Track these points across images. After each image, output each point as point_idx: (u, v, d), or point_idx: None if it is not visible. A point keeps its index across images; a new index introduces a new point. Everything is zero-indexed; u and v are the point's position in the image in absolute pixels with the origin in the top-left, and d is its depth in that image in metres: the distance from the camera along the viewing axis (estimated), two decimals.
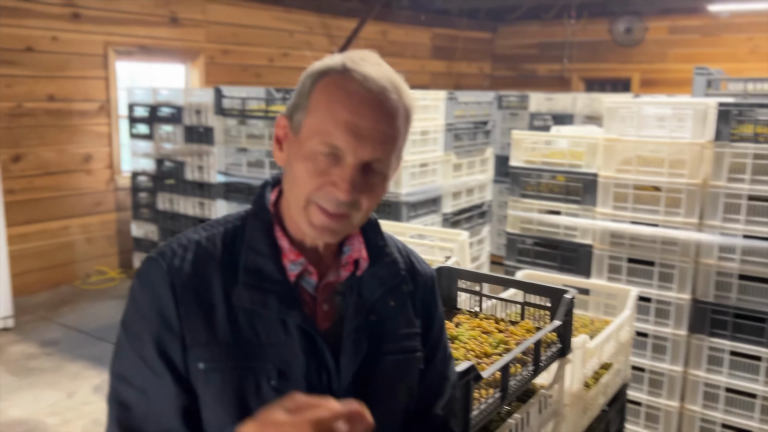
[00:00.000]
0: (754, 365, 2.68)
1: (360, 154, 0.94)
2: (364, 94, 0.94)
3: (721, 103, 2.67)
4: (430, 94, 3.90)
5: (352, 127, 0.93)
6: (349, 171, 0.94)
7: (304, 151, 0.96)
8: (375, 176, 0.97)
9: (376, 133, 0.94)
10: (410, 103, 1.01)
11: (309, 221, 0.97)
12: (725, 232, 2.68)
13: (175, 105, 5.49)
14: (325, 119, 0.94)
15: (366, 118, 0.93)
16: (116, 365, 1.00)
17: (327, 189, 0.95)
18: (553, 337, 1.68)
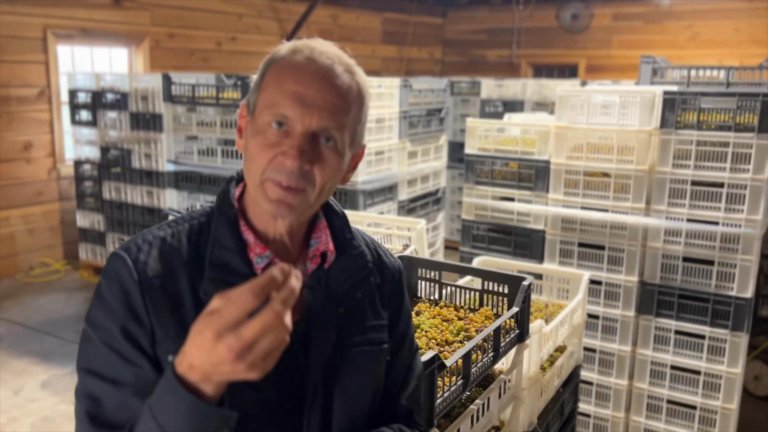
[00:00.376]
0: (698, 343, 2.80)
1: (307, 122, 0.95)
2: (311, 66, 0.97)
3: (666, 91, 2.75)
4: (385, 81, 3.89)
5: (299, 96, 0.95)
6: (298, 139, 0.95)
7: (257, 126, 0.98)
8: (326, 149, 0.98)
9: (323, 102, 0.96)
10: (363, 83, 1.03)
11: (266, 197, 0.98)
12: (670, 216, 2.78)
13: (120, 91, 5.32)
14: (274, 93, 0.97)
15: (312, 87, 0.96)
16: (83, 360, 0.98)
17: (278, 160, 0.96)
18: (512, 323, 1.72)
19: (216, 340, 0.76)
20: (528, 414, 1.92)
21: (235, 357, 0.75)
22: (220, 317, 0.76)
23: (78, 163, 5.84)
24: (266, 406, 0.98)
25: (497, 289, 1.85)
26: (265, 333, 0.75)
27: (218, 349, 0.76)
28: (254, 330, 0.75)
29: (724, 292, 2.72)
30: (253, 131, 0.99)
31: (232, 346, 0.75)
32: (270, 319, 0.75)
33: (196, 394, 0.80)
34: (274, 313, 0.76)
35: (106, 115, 5.51)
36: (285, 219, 1.00)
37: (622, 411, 2.97)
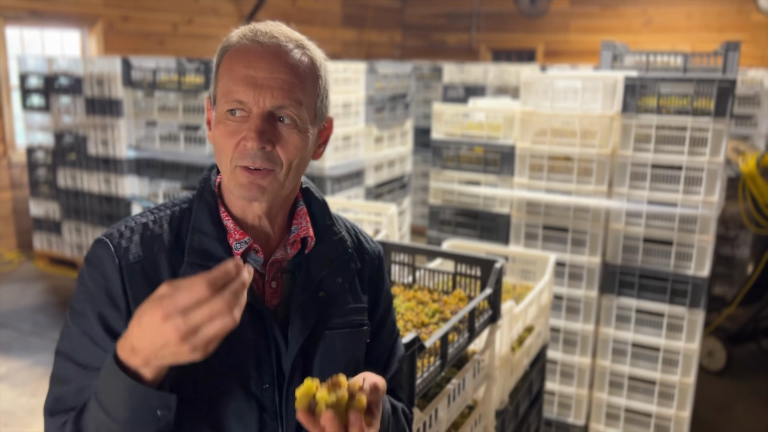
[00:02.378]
0: (658, 321, 2.90)
1: (261, 103, 0.97)
2: (257, 48, 0.98)
3: (627, 77, 2.82)
4: (351, 66, 3.87)
5: (250, 79, 0.97)
6: (254, 121, 0.97)
7: (217, 116, 1.00)
8: (285, 127, 0.99)
9: (273, 81, 0.97)
10: (316, 57, 1.04)
11: (238, 183, 1.00)
12: (632, 199, 2.86)
13: (74, 75, 5.16)
14: (228, 81, 0.99)
15: (261, 69, 0.97)
16: (61, 344, 1.02)
17: (241, 145, 0.98)
18: (485, 304, 1.75)
19: (164, 321, 0.80)
20: (500, 392, 1.97)
21: (180, 338, 0.80)
22: (172, 300, 0.80)
23: (30, 150, 5.65)
24: (246, 386, 1.01)
25: (469, 271, 1.88)
26: (212, 319, 0.80)
27: (165, 329, 0.80)
28: (202, 315, 0.80)
29: (682, 271, 2.82)
30: (216, 121, 1.01)
31: (179, 327, 0.79)
32: (219, 307, 0.80)
33: (135, 377, 0.85)
34: (223, 302, 0.80)
35: (59, 100, 5.33)
36: (260, 201, 1.02)
37: (586, 388, 3.06)
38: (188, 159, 3.91)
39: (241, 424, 1.00)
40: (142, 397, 0.85)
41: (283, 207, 1.08)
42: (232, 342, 0.97)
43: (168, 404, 0.88)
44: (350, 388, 0.87)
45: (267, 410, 1.02)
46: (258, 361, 1.01)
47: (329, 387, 0.87)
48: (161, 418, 0.88)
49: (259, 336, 1.01)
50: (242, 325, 0.97)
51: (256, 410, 1.01)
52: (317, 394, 0.85)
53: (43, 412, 1.00)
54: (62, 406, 0.98)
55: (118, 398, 0.86)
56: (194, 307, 0.80)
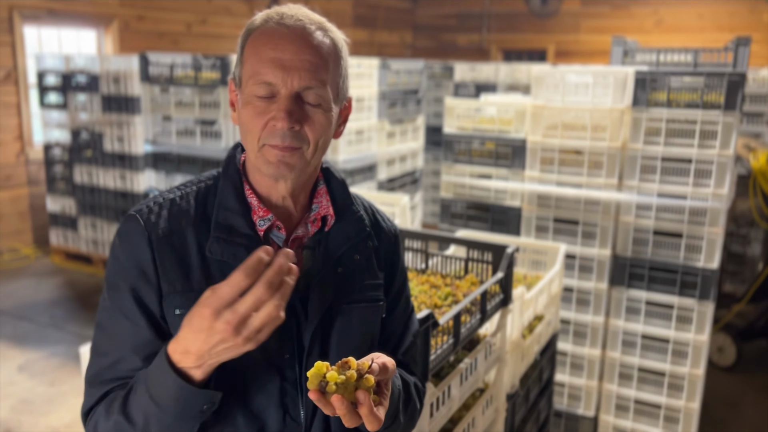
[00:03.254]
0: (667, 313, 2.92)
1: (289, 84, 1.00)
2: (284, 31, 1.02)
3: (638, 71, 2.85)
4: (364, 61, 3.93)
5: (278, 61, 1.00)
6: (284, 102, 1.01)
7: (245, 97, 1.04)
8: (312, 107, 1.03)
9: (301, 63, 1.01)
10: (337, 38, 1.08)
11: (266, 161, 1.04)
12: (642, 192, 2.89)
13: (91, 73, 5.25)
14: (255, 62, 1.02)
15: (288, 50, 1.01)
16: (98, 316, 1.06)
17: (270, 125, 1.01)
18: (497, 288, 1.79)
19: (215, 318, 0.85)
20: (511, 377, 2.01)
21: (233, 330, 0.85)
22: (217, 297, 0.85)
23: (48, 147, 5.75)
24: (268, 356, 1.05)
25: (481, 257, 1.93)
26: (258, 307, 0.85)
27: (217, 325, 0.85)
28: (248, 304, 0.85)
29: (691, 263, 2.84)
30: (243, 102, 1.04)
31: (230, 320, 0.85)
32: (261, 293, 0.85)
33: (185, 377, 0.91)
34: (264, 288, 0.85)
35: (76, 98, 5.43)
36: (286, 179, 1.06)
37: (596, 380, 3.09)
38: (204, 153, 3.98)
39: (263, 392, 1.05)
40: (191, 396, 0.92)
41: (306, 186, 1.12)
42: None
43: (213, 400, 0.94)
44: (359, 368, 0.92)
45: (287, 380, 1.06)
46: (279, 332, 1.04)
47: (339, 368, 0.91)
48: (206, 412, 0.95)
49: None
50: None
51: (277, 380, 1.05)
52: (327, 375, 0.89)
53: (84, 379, 1.06)
54: (100, 378, 1.03)
55: (169, 395, 0.92)
56: (238, 297, 0.85)
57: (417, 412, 1.22)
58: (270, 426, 1.05)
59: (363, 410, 0.91)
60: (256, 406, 1.04)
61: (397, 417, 1.11)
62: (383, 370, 0.96)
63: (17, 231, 6.04)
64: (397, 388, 1.11)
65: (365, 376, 0.91)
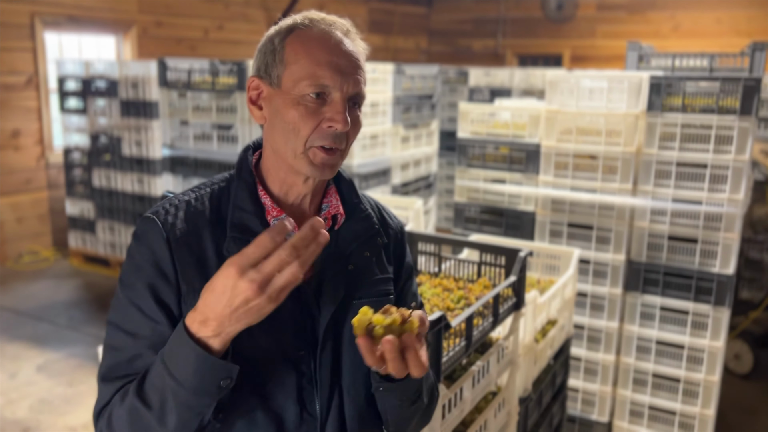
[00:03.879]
0: (682, 318, 2.91)
1: (346, 89, 1.05)
2: (337, 36, 1.06)
3: (652, 76, 2.85)
4: (379, 66, 3.95)
5: (335, 66, 1.03)
6: (342, 104, 1.04)
7: (293, 97, 1.05)
8: (356, 111, 1.08)
9: (353, 69, 1.06)
10: (364, 47, 1.13)
11: (310, 162, 1.06)
12: (656, 197, 2.88)
13: (110, 78, 5.33)
14: (309, 64, 1.04)
15: (343, 56, 1.05)
16: (111, 315, 1.08)
17: (323, 127, 1.04)
18: (509, 292, 1.80)
19: (240, 276, 0.88)
20: (523, 380, 2.01)
21: (257, 288, 0.87)
22: (243, 255, 0.88)
23: (67, 151, 5.84)
24: (283, 351, 1.08)
25: (494, 261, 1.94)
26: (282, 267, 0.88)
27: (241, 284, 0.88)
28: (273, 264, 0.88)
29: (707, 269, 2.83)
30: (288, 103, 1.05)
31: (254, 278, 0.87)
32: (285, 255, 0.87)
33: (203, 347, 0.92)
34: (288, 250, 0.87)
35: (95, 103, 5.51)
36: (327, 177, 1.10)
37: (610, 385, 3.08)
38: (220, 157, 4.02)
39: (280, 387, 1.07)
40: (210, 366, 0.93)
41: (320, 185, 1.15)
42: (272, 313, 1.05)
43: (231, 374, 0.95)
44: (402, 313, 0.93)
45: (303, 374, 1.08)
46: (295, 329, 1.08)
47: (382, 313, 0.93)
48: (223, 387, 0.95)
49: (295, 306, 1.08)
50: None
51: (293, 375, 1.07)
52: (373, 318, 0.91)
53: (97, 379, 1.07)
54: (115, 374, 1.04)
55: (188, 368, 0.92)
56: (263, 258, 0.88)
57: (435, 397, 1.24)
58: (288, 421, 1.07)
59: (411, 354, 0.93)
60: (274, 402, 1.07)
61: (421, 396, 1.14)
62: (422, 322, 0.98)
63: (37, 234, 6.13)
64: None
65: (410, 320, 0.92)
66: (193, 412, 0.96)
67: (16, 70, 5.78)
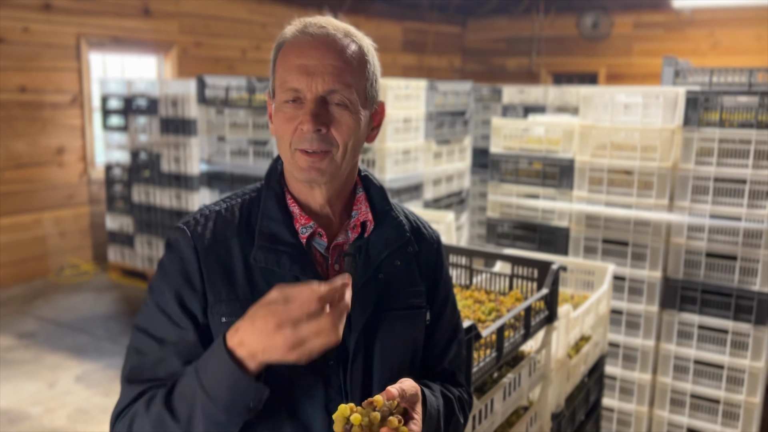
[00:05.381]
0: (721, 338, 2.84)
1: (314, 88, 1.04)
2: (308, 39, 1.06)
3: (689, 90, 2.82)
4: (412, 83, 3.99)
5: (302, 68, 1.05)
6: (309, 105, 1.05)
7: (277, 106, 1.08)
8: (338, 109, 1.06)
9: (324, 67, 1.05)
10: (363, 44, 1.11)
11: (297, 167, 1.08)
12: (694, 213, 2.83)
13: (151, 96, 5.48)
14: (283, 72, 1.07)
15: (312, 57, 1.05)
16: (139, 320, 1.10)
17: (299, 129, 1.05)
18: (541, 305, 1.79)
19: (276, 330, 0.89)
20: (556, 396, 1.99)
21: (288, 348, 0.89)
22: (287, 312, 0.89)
23: (108, 167, 6.00)
24: (314, 363, 1.06)
25: (526, 274, 1.93)
26: (319, 335, 0.89)
27: (276, 338, 0.89)
28: (310, 330, 0.89)
29: (747, 287, 2.76)
30: (275, 110, 1.09)
31: (288, 338, 0.89)
32: (325, 325, 0.89)
33: (239, 365, 0.93)
34: (330, 320, 0.89)
35: (136, 120, 5.67)
36: (320, 184, 1.10)
37: (646, 405, 3.01)
38: (256, 172, 4.10)
39: (309, 398, 1.07)
40: (244, 386, 0.94)
41: (343, 192, 1.15)
42: None
43: (261, 396, 0.96)
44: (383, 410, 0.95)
45: (332, 386, 1.08)
46: None
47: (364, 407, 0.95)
48: (252, 409, 0.96)
49: None
50: None
51: (322, 386, 1.07)
52: (351, 417, 0.93)
53: (121, 380, 1.09)
54: (139, 377, 1.06)
55: (221, 383, 0.94)
56: (304, 320, 0.89)
57: (461, 425, 1.22)
58: None
59: None
60: (302, 412, 1.07)
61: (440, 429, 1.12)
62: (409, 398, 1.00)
63: (78, 248, 6.30)
64: (436, 409, 1.12)
65: (389, 419, 0.95)
66: (220, 429, 0.96)
67: (62, 89, 5.99)
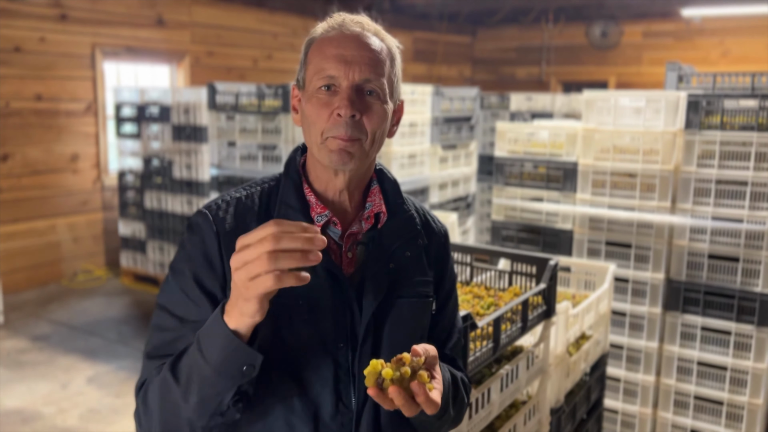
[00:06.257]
0: (724, 339, 2.85)
1: (351, 77, 1.09)
2: (346, 32, 1.12)
3: (690, 94, 2.85)
4: (418, 88, 4.05)
5: (340, 57, 1.10)
6: (346, 91, 1.10)
7: (309, 94, 1.13)
8: (371, 99, 1.12)
9: (360, 57, 1.10)
10: (391, 44, 1.18)
11: (328, 150, 1.12)
12: (696, 215, 2.86)
13: (163, 104, 5.58)
14: (319, 61, 1.11)
15: (349, 47, 1.11)
16: (160, 298, 1.15)
17: (333, 116, 1.10)
18: (539, 299, 1.83)
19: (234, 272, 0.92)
20: (555, 391, 2.02)
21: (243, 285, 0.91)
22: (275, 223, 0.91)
23: (121, 174, 6.11)
24: (324, 343, 1.13)
25: (525, 270, 1.96)
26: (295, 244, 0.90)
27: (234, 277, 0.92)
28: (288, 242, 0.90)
29: (749, 288, 2.77)
30: (307, 98, 1.14)
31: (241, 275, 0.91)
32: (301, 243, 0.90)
33: (233, 331, 0.97)
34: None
35: (149, 128, 5.77)
36: (345, 171, 1.14)
37: (650, 407, 3.02)
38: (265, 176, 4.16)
39: (319, 378, 1.12)
40: (235, 348, 0.98)
41: (360, 183, 1.20)
42: (313, 305, 1.12)
43: (253, 361, 1.00)
44: (413, 365, 0.98)
45: (341, 367, 1.13)
46: (335, 322, 1.13)
47: (393, 363, 0.98)
48: (245, 373, 1.00)
49: (336, 300, 1.13)
50: (322, 290, 1.12)
51: (331, 366, 1.12)
52: (382, 372, 0.96)
53: (143, 355, 1.15)
54: (159, 352, 1.12)
55: (216, 346, 0.98)
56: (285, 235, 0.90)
57: (465, 404, 1.28)
58: (324, 411, 1.12)
59: (420, 399, 0.97)
60: (312, 391, 1.12)
61: (448, 409, 1.17)
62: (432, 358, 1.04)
63: (91, 253, 6.40)
64: (447, 381, 1.17)
65: (419, 373, 0.98)
66: (213, 391, 1.00)
67: (77, 97, 6.11)
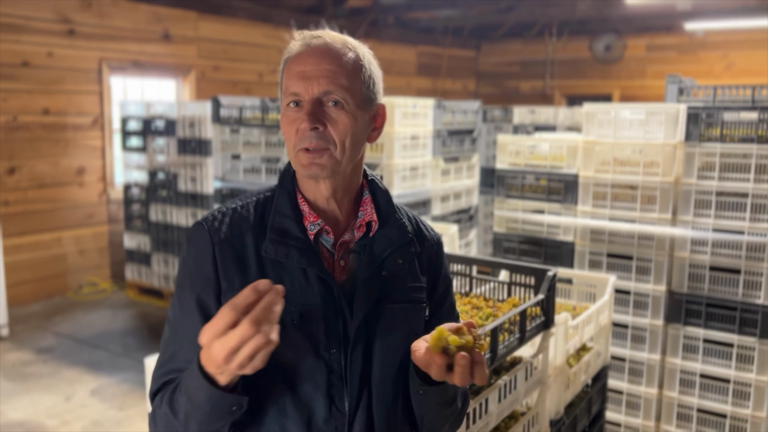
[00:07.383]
0: (726, 351, 2.84)
1: (310, 91, 1.13)
2: (307, 49, 1.16)
3: (690, 106, 2.87)
4: (420, 101, 4.08)
5: (301, 74, 1.14)
6: (307, 106, 1.14)
7: (282, 111, 1.18)
8: (334, 110, 1.15)
9: (320, 71, 1.13)
10: (360, 52, 1.20)
11: (300, 164, 1.16)
12: (697, 227, 2.86)
13: (169, 118, 5.63)
14: (287, 80, 1.16)
15: (309, 63, 1.14)
16: (168, 312, 1.20)
17: (299, 130, 1.14)
18: (537, 310, 1.83)
19: (209, 347, 0.95)
20: (555, 403, 2.02)
21: (223, 360, 0.93)
22: (210, 327, 0.94)
23: (127, 187, 6.15)
24: (316, 349, 1.15)
25: (524, 281, 1.97)
26: (245, 342, 0.92)
27: (211, 350, 0.94)
28: (234, 340, 0.92)
29: (751, 300, 2.77)
30: (282, 116, 1.19)
31: (219, 352, 0.93)
32: (245, 331, 0.91)
33: (211, 381, 1.00)
34: (248, 325, 0.91)
35: (154, 141, 5.82)
36: (323, 179, 1.18)
37: (653, 420, 3.01)
38: None
39: (312, 383, 1.14)
40: (218, 398, 1.02)
41: (348, 191, 1.23)
42: (305, 311, 1.14)
43: (240, 403, 1.04)
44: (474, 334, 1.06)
45: (334, 372, 1.15)
46: (327, 328, 1.15)
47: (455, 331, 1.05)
48: (234, 413, 1.04)
49: (328, 306, 1.16)
50: (314, 297, 1.15)
51: (324, 371, 1.14)
52: (449, 339, 1.03)
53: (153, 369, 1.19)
54: (162, 368, 1.16)
55: (200, 395, 1.02)
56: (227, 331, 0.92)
57: (466, 403, 1.30)
58: (317, 415, 1.14)
59: (479, 368, 1.04)
60: (305, 395, 1.14)
61: (456, 400, 1.22)
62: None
63: (97, 266, 6.43)
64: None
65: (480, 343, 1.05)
66: (212, 427, 1.06)
67: (83, 111, 6.17)
